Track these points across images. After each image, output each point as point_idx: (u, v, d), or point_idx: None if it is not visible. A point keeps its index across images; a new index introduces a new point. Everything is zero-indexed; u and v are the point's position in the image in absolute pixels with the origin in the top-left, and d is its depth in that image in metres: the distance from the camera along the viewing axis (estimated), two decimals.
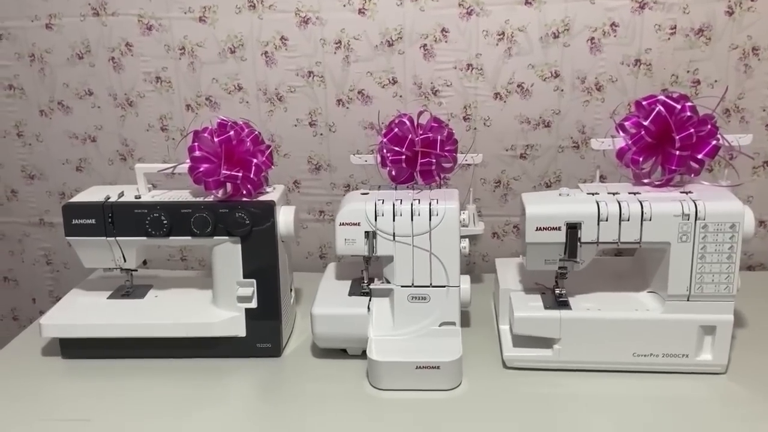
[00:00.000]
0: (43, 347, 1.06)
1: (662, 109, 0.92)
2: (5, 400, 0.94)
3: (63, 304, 1.06)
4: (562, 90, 1.23)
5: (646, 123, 0.93)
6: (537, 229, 0.92)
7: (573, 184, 1.27)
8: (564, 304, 0.97)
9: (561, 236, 0.92)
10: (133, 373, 1.00)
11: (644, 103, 0.95)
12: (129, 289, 1.10)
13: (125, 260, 1.04)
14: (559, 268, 0.95)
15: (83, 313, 1.04)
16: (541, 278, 1.02)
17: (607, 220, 0.90)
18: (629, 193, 0.93)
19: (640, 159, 0.95)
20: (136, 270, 1.08)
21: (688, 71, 1.20)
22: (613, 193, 0.94)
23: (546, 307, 0.96)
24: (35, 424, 0.89)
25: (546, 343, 0.96)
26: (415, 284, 1.00)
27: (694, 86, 1.20)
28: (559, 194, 0.95)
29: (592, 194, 0.94)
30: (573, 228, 0.91)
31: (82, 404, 0.93)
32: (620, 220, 0.90)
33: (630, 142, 0.95)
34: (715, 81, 1.19)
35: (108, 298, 1.08)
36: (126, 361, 1.02)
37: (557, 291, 0.98)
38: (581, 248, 0.92)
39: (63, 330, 1.02)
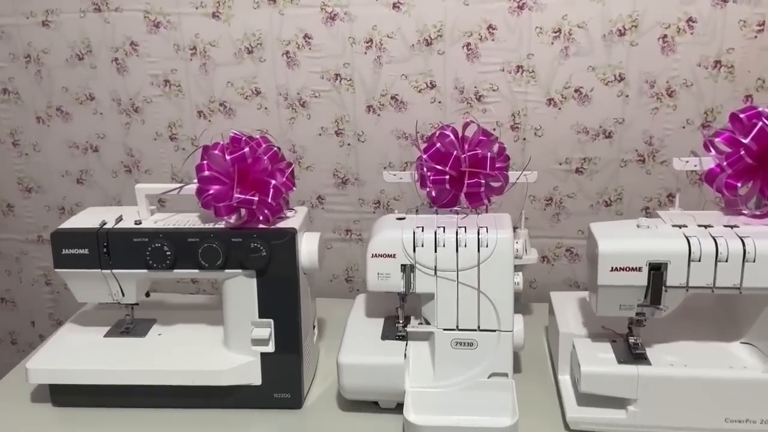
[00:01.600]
0: (31, 392, 0.93)
1: (767, 123, 0.75)
2: None
3: (53, 344, 0.93)
4: (627, 95, 1.06)
5: (746, 141, 0.77)
6: (612, 270, 0.76)
7: (637, 203, 1.12)
8: (641, 357, 0.81)
9: (642, 279, 0.76)
10: (133, 426, 0.87)
11: (742, 116, 0.79)
12: (129, 324, 0.96)
13: (123, 294, 0.90)
14: (637, 314, 0.80)
15: (75, 355, 0.90)
16: (610, 321, 0.86)
17: (700, 261, 0.74)
18: (725, 226, 0.77)
19: (738, 184, 0.78)
20: (137, 304, 0.95)
21: None
22: (705, 226, 0.77)
23: (620, 361, 0.80)
24: None
25: (618, 402, 0.80)
26: (459, 327, 0.85)
27: None
28: (638, 225, 0.79)
29: (679, 227, 0.78)
30: (657, 269, 0.75)
31: None
32: (716, 260, 0.74)
33: (725, 162, 0.79)
34: None
35: (105, 335, 0.95)
36: (126, 411, 0.89)
37: (632, 340, 0.83)
38: (666, 293, 0.76)
39: (52, 376, 0.88)
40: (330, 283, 1.25)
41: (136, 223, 0.88)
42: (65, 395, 0.89)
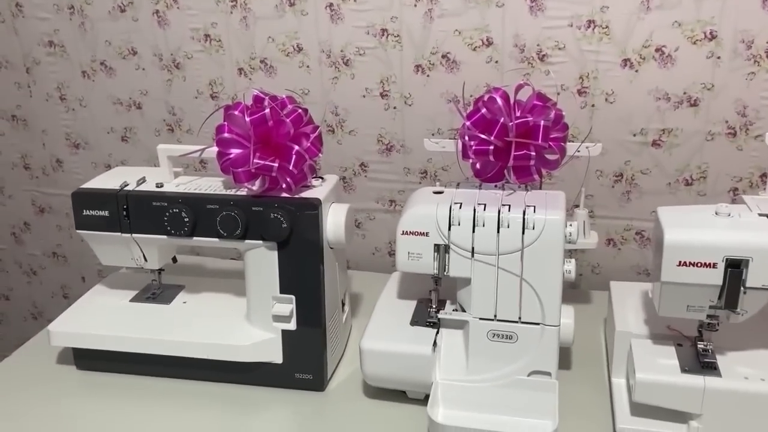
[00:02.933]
0: (58, 353, 0.92)
1: None
2: (7, 417, 0.81)
3: (78, 307, 0.91)
4: (719, 57, 0.91)
5: None
6: (680, 264, 0.64)
7: (724, 183, 0.97)
8: (710, 366, 0.69)
9: (716, 277, 0.63)
10: (152, 394, 0.84)
11: None
12: (156, 290, 0.93)
13: (146, 260, 0.86)
14: (708, 317, 0.67)
15: (97, 319, 0.87)
16: (678, 321, 0.74)
17: None
18: None
19: None
20: (163, 269, 0.91)
21: None
22: None
23: (684, 369, 0.69)
24: None
25: (679, 416, 0.69)
26: (498, 318, 0.75)
27: None
28: (716, 213, 0.66)
29: (766, 216, 0.64)
30: (736, 267, 0.62)
31: (93, 426, 0.79)
32: None
33: None
34: None
35: (131, 300, 0.92)
36: (146, 378, 0.86)
37: (701, 346, 0.70)
38: (745, 295, 0.63)
39: (73, 339, 0.86)
40: (372, 256, 1.17)
41: (157, 186, 0.83)
42: (87, 359, 0.88)
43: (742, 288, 0.63)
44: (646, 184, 1.00)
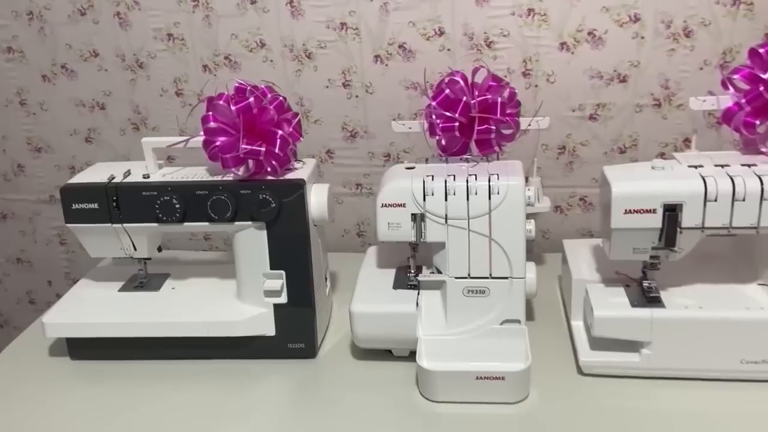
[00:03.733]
0: (49, 346, 0.94)
1: None
2: (8, 408, 0.83)
3: (68, 299, 0.94)
4: (643, 37, 1.03)
5: (765, 76, 0.74)
6: (626, 212, 0.75)
7: (653, 149, 1.09)
8: (655, 300, 0.80)
9: (656, 221, 0.74)
10: (149, 377, 0.88)
11: (761, 51, 0.76)
12: (143, 279, 0.97)
13: (135, 249, 0.90)
14: (650, 257, 0.78)
15: (90, 309, 0.91)
16: (623, 266, 0.85)
17: (716, 201, 0.73)
18: (742, 165, 0.75)
19: (757, 122, 0.76)
20: (150, 259, 0.95)
21: None
22: (722, 165, 0.75)
23: (633, 304, 0.80)
24: None
25: (632, 345, 0.80)
26: (471, 275, 0.84)
27: None
28: (652, 167, 0.78)
29: (695, 167, 0.76)
30: (672, 210, 0.73)
31: (92, 413, 0.82)
32: (733, 200, 0.72)
33: (743, 100, 0.76)
34: None
35: (119, 290, 0.96)
36: (142, 363, 0.90)
37: (645, 284, 0.82)
38: (681, 235, 0.75)
39: (68, 329, 0.89)
40: (341, 238, 1.24)
41: (144, 177, 0.88)
42: (82, 348, 0.91)
43: (678, 228, 0.74)
44: (585, 155, 1.12)
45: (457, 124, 0.85)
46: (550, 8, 1.03)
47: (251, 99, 0.81)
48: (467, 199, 0.82)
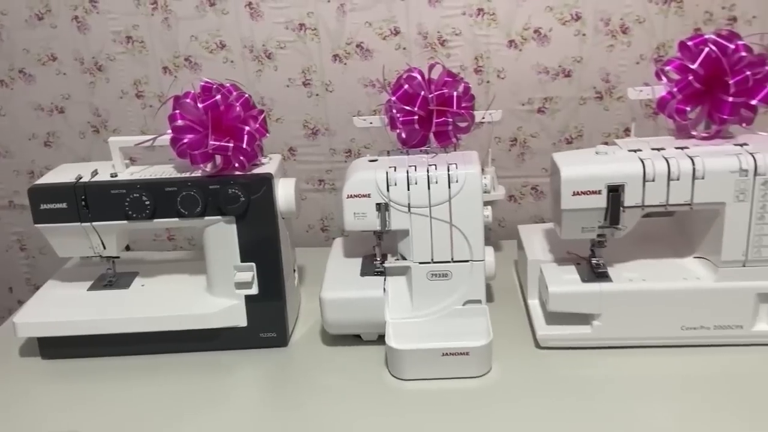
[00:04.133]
0: (20, 347, 0.95)
1: (713, 49, 0.80)
2: None
3: (38, 299, 0.95)
4: (584, 34, 1.10)
5: (693, 66, 0.81)
6: (574, 194, 0.81)
7: (597, 139, 1.17)
8: (603, 276, 0.87)
9: (601, 201, 0.81)
10: (123, 372, 0.89)
11: (690, 43, 0.83)
12: (111, 278, 0.98)
13: (104, 247, 0.92)
14: (598, 235, 0.85)
15: (61, 308, 0.92)
16: (574, 246, 0.91)
17: (653, 181, 0.79)
18: (676, 148, 0.82)
19: (687, 108, 0.83)
20: (118, 257, 0.96)
21: (723, 7, 1.07)
22: (658, 149, 0.82)
23: (584, 280, 0.86)
24: None
25: (583, 319, 0.86)
26: (434, 260, 0.89)
27: (730, 24, 1.08)
28: (596, 153, 0.84)
29: (634, 151, 0.83)
30: (615, 191, 0.80)
31: (67, 411, 0.83)
32: (669, 179, 0.79)
33: (675, 89, 0.83)
34: (753, 17, 1.07)
35: (88, 289, 0.97)
36: (114, 359, 0.91)
37: (594, 261, 0.88)
38: (624, 213, 0.81)
39: (40, 329, 0.90)
40: (306, 233, 1.28)
41: (112, 176, 0.89)
42: (54, 347, 0.92)
43: (621, 207, 0.81)
44: (535, 146, 1.19)
45: (416, 117, 0.90)
46: (498, 8, 1.09)
47: (218, 97, 0.84)
48: (428, 188, 0.87)
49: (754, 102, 0.81)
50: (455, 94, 0.90)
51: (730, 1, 1.07)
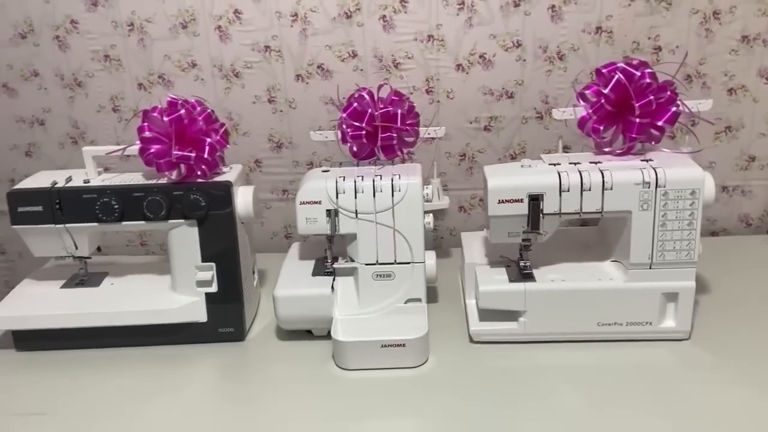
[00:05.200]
0: None
1: (621, 76, 0.91)
2: None
3: (14, 295, 1.02)
4: (525, 60, 1.21)
5: (605, 91, 0.92)
6: (499, 202, 0.91)
7: (538, 155, 1.26)
8: (529, 276, 0.96)
9: (523, 208, 0.90)
10: (91, 363, 0.97)
11: (604, 70, 0.94)
12: (83, 277, 1.06)
13: (77, 248, 1.00)
14: (523, 240, 0.94)
15: (35, 303, 1.00)
16: (507, 251, 1.01)
17: (569, 191, 0.89)
18: (590, 162, 0.92)
19: (601, 128, 0.94)
20: (90, 258, 1.04)
21: (649, 38, 1.18)
22: (575, 163, 0.92)
23: (511, 280, 0.95)
24: None
25: (512, 316, 0.95)
26: (379, 262, 0.98)
27: (656, 52, 1.19)
28: (521, 166, 0.94)
29: (554, 165, 0.93)
30: (535, 200, 0.90)
31: (38, 397, 0.90)
32: (582, 190, 0.89)
33: (591, 111, 0.94)
34: (677, 47, 1.19)
35: (61, 287, 1.05)
36: (83, 351, 0.99)
37: (522, 263, 0.98)
38: (544, 219, 0.91)
39: (14, 322, 0.98)
40: (270, 240, 1.36)
41: (84, 182, 0.98)
42: (27, 340, 0.99)
43: (541, 214, 0.90)
44: (483, 160, 1.28)
45: (364, 132, 1.00)
46: (447, 35, 1.20)
47: (182, 111, 0.93)
48: (374, 196, 0.96)
49: (660, 123, 0.91)
50: (400, 111, 1.00)
51: (655, 32, 1.18)
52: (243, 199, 0.99)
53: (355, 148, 1.03)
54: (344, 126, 1.01)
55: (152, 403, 0.88)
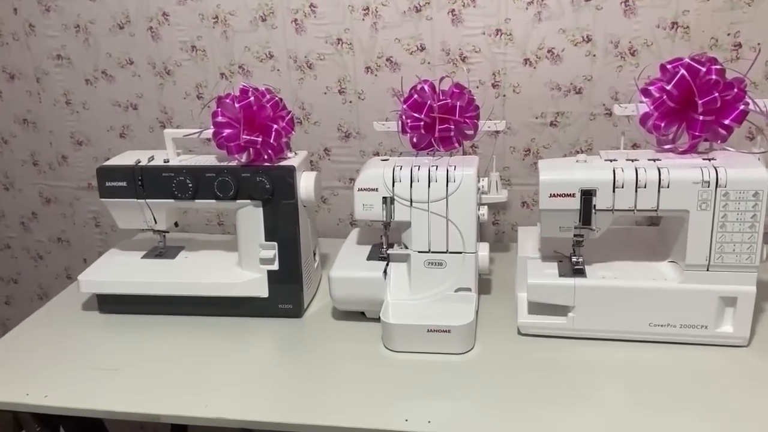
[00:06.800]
0: (83, 302, 1.14)
1: (686, 72, 0.88)
2: (47, 350, 1.01)
3: (100, 263, 1.13)
4: (594, 55, 1.19)
5: (668, 87, 0.90)
6: (551, 196, 0.91)
7: None
8: (580, 272, 0.96)
9: (575, 203, 0.90)
10: (163, 327, 1.06)
11: (669, 66, 0.91)
12: (162, 250, 1.16)
13: (156, 221, 1.09)
14: (575, 235, 0.94)
15: (117, 270, 1.10)
16: (561, 246, 1.01)
17: (623, 187, 0.88)
18: (649, 159, 0.91)
19: (662, 124, 0.92)
20: (168, 232, 1.14)
21: (728, 34, 1.14)
22: (632, 160, 0.91)
23: (561, 275, 0.95)
24: (72, 371, 0.96)
25: (561, 310, 0.95)
26: (431, 250, 1.01)
27: (736, 50, 1.14)
28: (576, 161, 0.93)
29: (610, 161, 0.92)
30: (587, 195, 0.89)
31: (114, 354, 0.99)
32: (636, 187, 0.88)
33: (653, 107, 0.92)
34: (758, 44, 1.13)
35: (142, 258, 1.14)
36: (157, 317, 1.08)
37: (574, 259, 0.97)
38: (596, 215, 0.90)
39: (98, 286, 1.08)
40: (336, 226, 1.42)
41: (164, 162, 1.07)
42: (110, 304, 1.10)
43: (593, 210, 0.90)
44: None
45: (422, 123, 1.03)
46: (515, 29, 1.20)
47: (252, 98, 1.00)
48: (428, 185, 0.99)
49: (726, 121, 0.88)
50: (458, 104, 1.02)
51: (735, 28, 1.13)
52: (305, 183, 1.04)
53: (414, 139, 1.06)
54: (404, 117, 1.04)
55: (214, 365, 0.95)
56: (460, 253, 1.00)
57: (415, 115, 1.03)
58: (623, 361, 0.91)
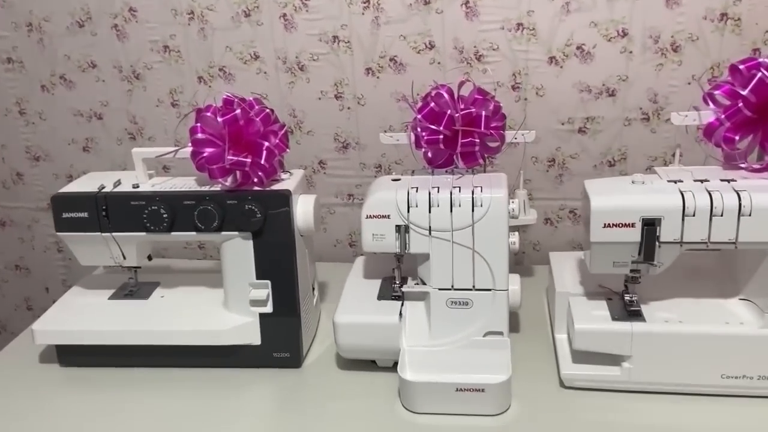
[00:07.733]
0: (40, 353, 0.96)
1: (766, 74, 0.73)
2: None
3: (59, 306, 0.96)
4: (631, 52, 1.04)
5: (744, 92, 0.75)
6: (605, 226, 0.75)
7: (642, 163, 1.10)
8: (636, 314, 0.80)
9: (635, 235, 0.75)
10: (137, 384, 0.89)
11: (741, 67, 0.76)
12: (133, 287, 0.98)
13: (124, 257, 0.92)
14: (631, 271, 0.79)
15: (80, 316, 0.92)
16: (607, 279, 0.85)
17: (694, 215, 0.73)
18: (721, 180, 0.76)
19: (737, 137, 0.76)
20: (140, 267, 0.96)
21: None
22: (701, 181, 0.76)
23: (614, 318, 0.80)
24: None
25: (613, 359, 0.80)
26: (455, 287, 0.85)
27: None
28: (632, 182, 0.78)
29: (674, 182, 0.76)
30: (650, 225, 0.74)
31: (82, 419, 0.83)
32: (711, 215, 0.72)
33: (723, 116, 0.77)
34: None
35: (109, 298, 0.97)
36: (130, 370, 0.91)
37: (627, 297, 0.82)
38: (660, 249, 0.75)
39: (56, 336, 0.91)
40: (334, 248, 1.25)
41: (133, 187, 0.89)
42: (71, 355, 0.92)
43: (657, 243, 0.75)
44: (575, 167, 1.12)
45: (441, 136, 0.86)
46: (539, 23, 1.04)
47: (238, 111, 0.83)
48: (451, 211, 0.83)
49: None
50: (483, 113, 0.86)
51: None
52: (303, 209, 0.88)
53: (430, 154, 0.90)
54: (419, 129, 0.88)
55: (198, 429, 0.80)
56: (490, 290, 0.84)
57: (433, 127, 0.86)
58: (690, 421, 0.76)
